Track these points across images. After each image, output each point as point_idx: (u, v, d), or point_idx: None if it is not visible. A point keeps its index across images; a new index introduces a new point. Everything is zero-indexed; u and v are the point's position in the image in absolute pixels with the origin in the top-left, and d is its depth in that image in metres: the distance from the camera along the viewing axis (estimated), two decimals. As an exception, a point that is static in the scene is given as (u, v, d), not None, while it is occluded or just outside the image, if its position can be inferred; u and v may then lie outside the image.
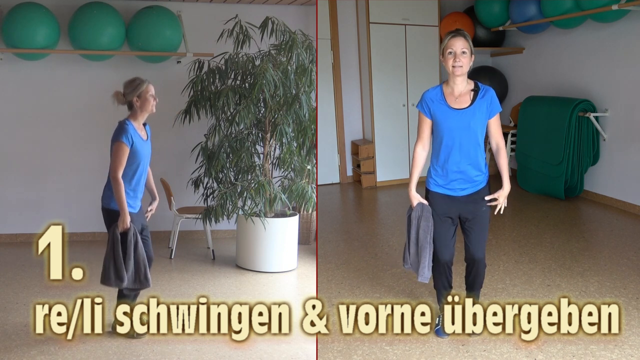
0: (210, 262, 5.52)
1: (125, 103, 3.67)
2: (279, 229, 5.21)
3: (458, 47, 3.10)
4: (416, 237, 3.34)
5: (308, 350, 3.60)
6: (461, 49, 3.10)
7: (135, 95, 3.61)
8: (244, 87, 5.24)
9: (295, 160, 5.26)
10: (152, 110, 3.67)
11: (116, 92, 3.67)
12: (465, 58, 3.12)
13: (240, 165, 5.19)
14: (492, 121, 3.24)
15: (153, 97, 3.64)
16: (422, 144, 3.35)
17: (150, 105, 3.64)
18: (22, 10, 5.53)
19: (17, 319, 4.00)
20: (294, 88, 5.20)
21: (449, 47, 3.12)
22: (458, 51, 3.10)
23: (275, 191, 5.09)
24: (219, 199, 5.10)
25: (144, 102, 3.62)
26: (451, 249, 3.35)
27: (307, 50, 5.25)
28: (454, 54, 3.11)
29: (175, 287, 4.74)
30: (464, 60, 3.12)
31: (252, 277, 5.09)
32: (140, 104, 3.62)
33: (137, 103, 3.62)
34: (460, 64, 3.11)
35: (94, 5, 5.71)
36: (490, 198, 3.29)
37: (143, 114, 3.67)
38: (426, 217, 3.31)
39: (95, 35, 5.64)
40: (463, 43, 3.11)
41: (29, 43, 5.56)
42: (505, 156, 3.30)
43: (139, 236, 3.66)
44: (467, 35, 3.16)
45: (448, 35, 3.16)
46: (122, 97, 3.65)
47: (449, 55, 3.13)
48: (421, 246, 3.33)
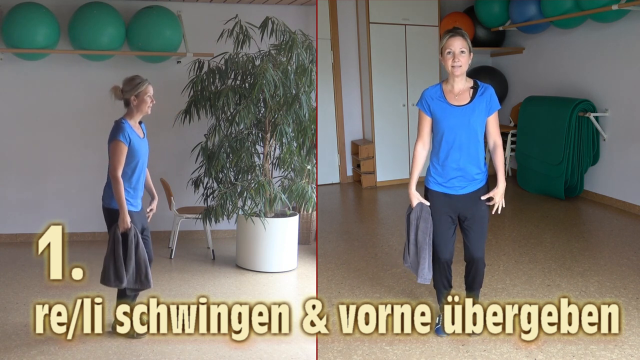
0: (210, 262, 5.52)
1: (122, 99, 3.67)
2: (279, 229, 5.21)
3: (457, 47, 3.10)
4: (415, 238, 3.34)
5: (308, 350, 3.60)
6: (460, 49, 3.10)
7: (133, 94, 3.61)
8: (244, 87, 5.24)
9: (295, 160, 5.26)
10: (148, 112, 3.67)
11: (115, 86, 3.67)
12: (464, 57, 3.12)
13: (240, 165, 5.19)
14: (490, 119, 3.24)
15: (151, 98, 3.64)
16: (422, 143, 3.35)
17: (146, 106, 3.64)
18: (22, 10, 5.53)
19: (17, 319, 4.00)
20: (294, 88, 5.20)
21: (447, 47, 3.12)
22: (457, 51, 3.10)
23: (275, 191, 5.09)
24: (219, 199, 5.10)
25: (141, 103, 3.62)
26: (451, 248, 3.35)
27: (307, 50, 5.25)
28: (452, 53, 3.11)
29: (175, 287, 4.74)
30: (463, 59, 3.12)
31: (252, 277, 5.09)
32: (137, 103, 3.62)
33: (134, 102, 3.62)
34: (460, 63, 3.11)
35: (94, 5, 5.71)
36: (486, 197, 3.29)
37: (139, 114, 3.67)
38: (425, 217, 3.31)
39: (95, 35, 5.64)
40: (461, 42, 3.11)
41: (29, 43, 5.56)
42: (502, 154, 3.30)
43: (140, 236, 3.66)
44: (465, 34, 3.15)
45: (446, 34, 3.15)
46: (120, 93, 3.65)
47: (448, 55, 3.13)
48: (420, 247, 3.33)
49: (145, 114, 3.68)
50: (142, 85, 3.62)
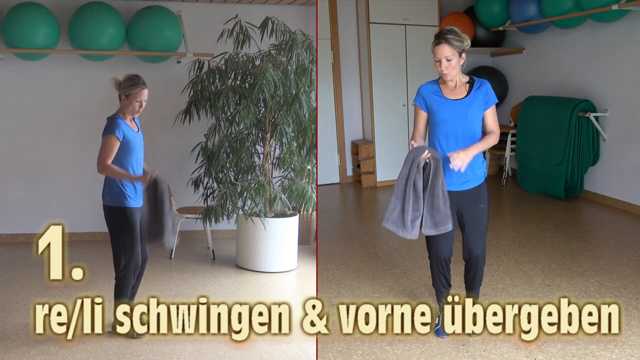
0: (210, 262, 5.51)
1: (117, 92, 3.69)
2: (279, 229, 5.21)
3: (442, 55, 3.10)
4: (404, 185, 3.14)
5: (308, 350, 3.60)
6: (445, 57, 3.10)
7: (124, 93, 3.63)
8: (244, 87, 5.24)
9: (295, 160, 5.26)
10: (134, 115, 3.70)
11: (117, 79, 3.68)
12: (451, 64, 3.12)
13: (240, 165, 5.19)
14: (488, 112, 3.25)
15: (140, 103, 3.65)
16: (419, 137, 3.33)
17: (133, 109, 3.66)
18: (22, 10, 5.53)
19: (17, 319, 4.00)
20: (294, 88, 5.20)
21: (434, 55, 3.14)
22: (443, 60, 3.11)
23: (275, 191, 5.09)
24: (219, 199, 5.10)
25: (129, 104, 3.64)
26: (449, 245, 3.35)
27: (307, 50, 5.25)
28: (440, 62, 3.13)
29: (175, 287, 4.74)
30: (451, 66, 3.12)
31: (252, 277, 5.09)
32: (126, 103, 3.64)
33: (124, 101, 3.65)
34: (447, 71, 3.13)
35: (94, 5, 5.71)
36: (452, 161, 3.10)
37: (127, 113, 3.69)
38: (419, 163, 3.09)
39: (95, 35, 5.64)
40: (447, 50, 3.08)
41: (29, 43, 5.56)
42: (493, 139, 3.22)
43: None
44: (452, 37, 3.09)
45: (433, 41, 3.14)
46: (118, 87, 3.67)
47: (437, 63, 3.15)
48: (407, 196, 3.12)
49: (133, 115, 3.70)
50: (136, 88, 3.62)
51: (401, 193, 3.14)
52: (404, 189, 3.12)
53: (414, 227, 3.15)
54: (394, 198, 3.18)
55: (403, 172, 3.13)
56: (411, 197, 3.11)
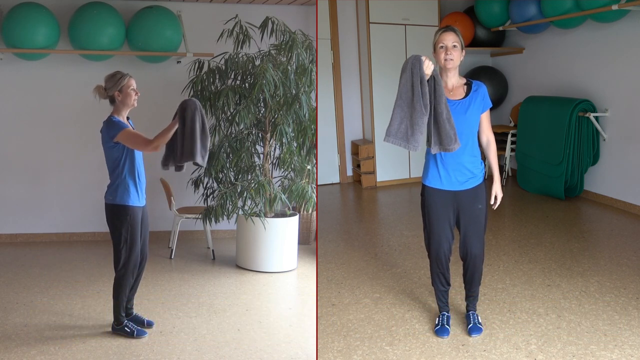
0: (210, 262, 5.52)
1: (106, 97, 3.68)
2: (279, 229, 5.21)
3: (449, 41, 3.17)
4: (410, 95, 3.08)
5: (308, 350, 3.60)
6: (452, 43, 3.18)
7: (116, 90, 3.62)
8: (244, 87, 5.24)
9: (295, 160, 5.26)
10: (134, 105, 3.68)
11: (98, 86, 3.67)
12: (456, 51, 3.19)
13: (240, 165, 5.20)
14: (483, 116, 3.31)
15: (134, 91, 3.65)
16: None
17: (131, 99, 3.65)
18: (22, 10, 5.53)
19: (17, 319, 3.99)
20: (294, 88, 5.20)
21: (440, 42, 3.20)
22: (449, 45, 3.17)
23: (275, 191, 5.09)
24: (219, 199, 5.10)
25: (126, 96, 3.63)
26: (449, 244, 3.35)
27: (307, 50, 5.25)
28: (445, 47, 3.18)
29: (175, 287, 4.74)
30: (455, 53, 3.19)
31: (252, 277, 5.09)
32: (122, 98, 3.63)
33: (119, 97, 3.63)
34: (452, 57, 3.18)
35: (94, 5, 5.71)
36: (492, 202, 3.38)
37: (125, 108, 3.68)
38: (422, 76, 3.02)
39: (95, 35, 5.64)
40: (454, 37, 3.19)
41: (29, 43, 5.56)
42: (495, 149, 3.38)
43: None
44: (458, 30, 3.25)
45: (439, 30, 3.24)
46: (104, 91, 3.65)
47: (441, 49, 3.20)
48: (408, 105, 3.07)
49: (132, 107, 3.69)
50: (124, 79, 3.62)
51: (407, 105, 3.08)
52: (411, 100, 3.06)
53: (419, 140, 3.07)
54: (399, 110, 3.12)
55: (405, 81, 3.05)
56: (417, 109, 3.02)
